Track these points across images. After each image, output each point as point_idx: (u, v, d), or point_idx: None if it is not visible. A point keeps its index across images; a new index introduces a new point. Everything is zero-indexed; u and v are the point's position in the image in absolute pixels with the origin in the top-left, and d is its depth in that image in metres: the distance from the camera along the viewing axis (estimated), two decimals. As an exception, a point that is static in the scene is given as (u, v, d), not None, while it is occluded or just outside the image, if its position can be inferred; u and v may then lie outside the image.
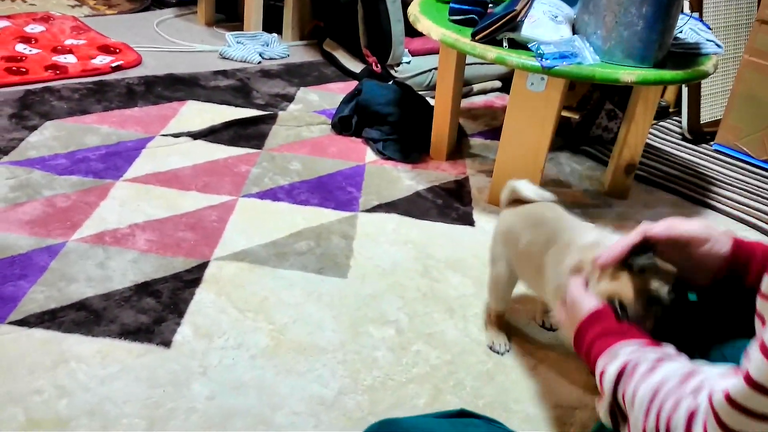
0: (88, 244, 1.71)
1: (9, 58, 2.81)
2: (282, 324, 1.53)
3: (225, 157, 2.25)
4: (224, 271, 1.67)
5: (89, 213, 1.84)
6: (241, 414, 1.28)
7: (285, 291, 1.63)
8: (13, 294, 1.51)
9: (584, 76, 1.83)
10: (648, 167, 2.54)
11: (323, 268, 1.73)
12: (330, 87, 3.03)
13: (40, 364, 1.34)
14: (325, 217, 1.97)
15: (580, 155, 2.62)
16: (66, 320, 1.45)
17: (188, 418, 1.26)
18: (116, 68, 2.87)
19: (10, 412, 1.22)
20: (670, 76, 1.89)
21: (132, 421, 1.24)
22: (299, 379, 1.39)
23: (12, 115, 2.34)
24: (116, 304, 1.52)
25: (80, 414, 1.24)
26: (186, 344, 1.43)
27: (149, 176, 2.07)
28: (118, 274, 1.62)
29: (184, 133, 2.36)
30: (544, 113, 1.95)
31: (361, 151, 2.42)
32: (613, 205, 2.26)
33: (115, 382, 1.32)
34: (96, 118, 2.41)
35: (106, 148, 2.20)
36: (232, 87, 2.87)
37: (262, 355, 1.43)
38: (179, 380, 1.34)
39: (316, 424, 1.28)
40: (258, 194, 2.05)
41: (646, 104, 2.14)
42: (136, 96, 2.64)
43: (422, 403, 1.36)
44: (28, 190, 1.91)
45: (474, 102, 3.06)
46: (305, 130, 2.54)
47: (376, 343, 1.51)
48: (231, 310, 1.55)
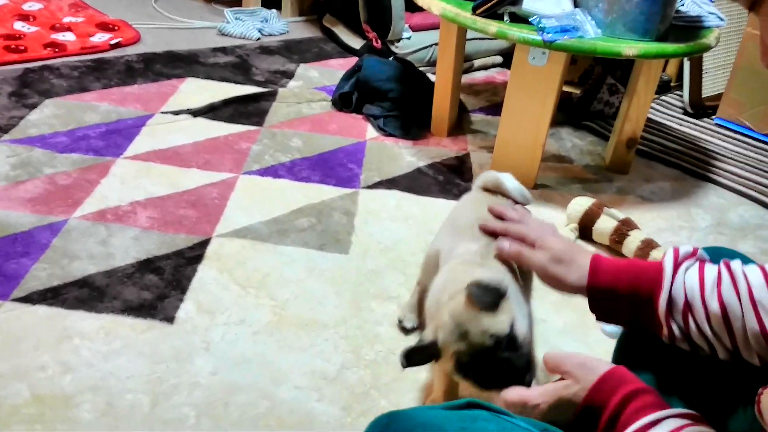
0: (90, 221, 1.72)
1: (7, 36, 2.79)
2: (284, 300, 1.54)
3: (225, 135, 2.24)
4: (226, 248, 1.68)
5: (90, 191, 1.84)
6: (244, 389, 1.29)
7: (286, 267, 1.64)
8: (16, 271, 1.51)
9: (586, 50, 1.82)
10: (649, 142, 2.53)
11: (325, 244, 1.74)
12: (330, 63, 3.01)
13: (44, 340, 1.34)
14: (326, 193, 1.97)
15: (582, 130, 2.61)
16: (69, 297, 1.46)
17: (191, 393, 1.27)
18: (115, 46, 2.85)
19: (15, 388, 1.23)
20: (672, 49, 1.88)
21: (136, 397, 1.25)
22: (302, 354, 1.40)
23: (11, 93, 2.33)
24: (119, 281, 1.53)
25: (84, 389, 1.25)
26: (189, 320, 1.44)
27: (150, 154, 2.07)
28: (120, 251, 1.62)
29: (183, 111, 2.35)
30: (546, 88, 1.94)
31: (361, 128, 2.41)
32: (614, 180, 2.26)
33: (118, 358, 1.33)
34: (95, 95, 2.40)
35: (106, 126, 2.19)
36: (232, 64, 2.85)
37: (265, 331, 1.44)
38: (182, 356, 1.35)
39: (319, 398, 1.29)
40: (259, 171, 2.05)
41: (648, 78, 2.13)
42: (135, 73, 2.63)
43: (423, 377, 1.37)
44: (29, 168, 1.91)
45: (475, 78, 3.04)
46: (305, 106, 2.53)
47: (378, 319, 1.52)
48: (233, 286, 1.56)
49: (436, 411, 0.78)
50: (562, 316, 1.59)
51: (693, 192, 2.25)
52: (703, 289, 0.84)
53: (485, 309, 0.95)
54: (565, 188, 2.17)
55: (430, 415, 0.76)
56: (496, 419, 0.77)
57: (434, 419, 0.75)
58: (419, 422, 0.74)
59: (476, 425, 0.75)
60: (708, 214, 2.12)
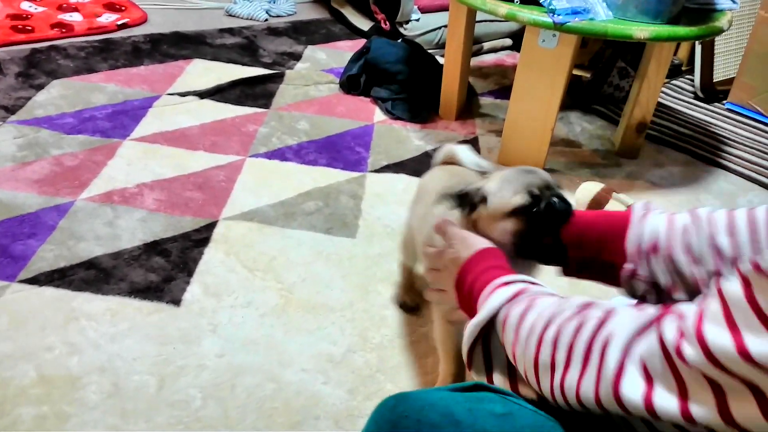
0: (97, 203, 1.72)
1: (14, 16, 2.78)
2: (291, 283, 1.53)
3: (232, 117, 2.23)
4: (233, 231, 1.67)
5: (97, 172, 1.84)
6: (251, 371, 1.29)
7: (293, 250, 1.64)
8: (23, 253, 1.51)
9: (597, 33, 1.79)
10: (659, 126, 2.51)
11: (332, 228, 1.73)
12: (338, 45, 2.99)
13: (51, 321, 1.35)
14: (334, 177, 1.96)
15: (591, 114, 2.59)
16: (76, 279, 1.46)
17: (198, 375, 1.27)
18: (122, 26, 2.84)
19: (22, 369, 1.23)
20: (684, 32, 1.85)
21: (142, 378, 1.25)
22: (308, 337, 1.40)
23: (18, 74, 2.33)
24: (125, 263, 1.53)
25: (91, 371, 1.25)
26: (195, 303, 1.44)
27: (156, 135, 2.06)
28: (126, 233, 1.62)
29: (190, 92, 2.34)
30: (556, 71, 1.92)
31: (369, 111, 2.40)
32: (624, 165, 2.24)
33: (125, 340, 1.33)
34: (102, 76, 2.39)
35: (112, 107, 2.19)
36: (239, 45, 2.84)
37: (272, 314, 1.44)
38: (189, 338, 1.35)
39: (325, 380, 1.29)
40: (266, 154, 2.04)
41: (659, 62, 2.10)
42: (142, 54, 2.62)
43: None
44: (36, 149, 1.91)
45: (484, 60, 3.02)
46: (313, 89, 2.51)
47: (384, 302, 1.51)
48: (240, 269, 1.55)
49: (443, 392, 0.78)
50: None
51: (702, 177, 2.23)
52: (671, 230, 0.89)
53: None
54: (574, 173, 2.15)
55: (437, 396, 0.76)
56: (502, 400, 0.77)
57: (441, 400, 0.75)
58: (426, 403, 0.74)
59: (483, 406, 0.75)
60: (717, 199, 2.11)
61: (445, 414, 0.73)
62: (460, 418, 0.72)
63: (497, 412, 0.74)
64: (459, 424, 0.72)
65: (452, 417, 0.72)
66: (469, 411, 0.73)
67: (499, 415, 0.74)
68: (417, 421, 0.72)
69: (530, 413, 0.75)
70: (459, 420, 0.72)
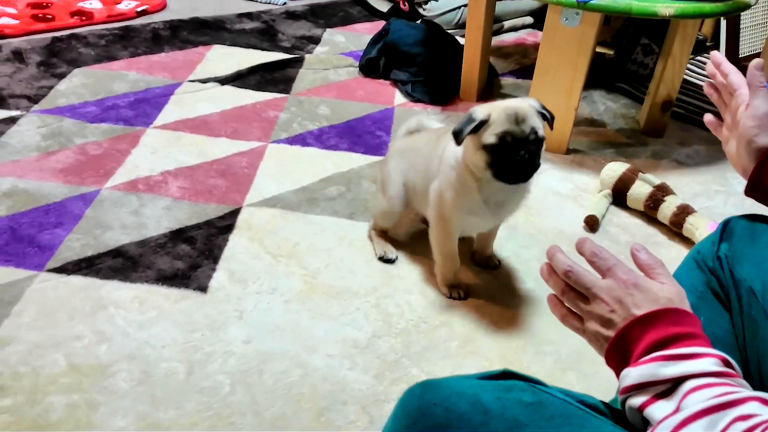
0: (122, 191, 1.73)
1: (35, 5, 2.80)
2: (314, 269, 1.54)
3: (253, 103, 2.23)
4: (256, 217, 1.68)
5: (121, 160, 1.85)
6: (278, 357, 1.30)
7: (316, 236, 1.64)
8: (50, 242, 1.53)
9: (620, 11, 1.76)
10: (684, 104, 2.47)
11: (354, 213, 1.73)
12: (356, 27, 2.97)
13: (80, 310, 1.37)
14: (355, 161, 1.96)
15: (615, 92, 2.56)
16: (103, 267, 1.48)
17: (226, 361, 1.28)
18: (141, 13, 2.85)
19: (52, 358, 1.25)
20: (710, 8, 1.82)
21: (171, 365, 1.26)
22: (333, 322, 1.40)
23: (40, 63, 2.34)
24: (152, 251, 1.54)
25: (120, 359, 1.27)
26: (221, 289, 1.45)
27: (179, 123, 2.07)
28: (152, 221, 1.63)
29: (211, 79, 2.35)
30: (578, 50, 1.89)
31: (389, 94, 2.39)
32: (649, 144, 2.21)
33: (153, 327, 1.34)
34: (123, 64, 2.40)
35: (134, 95, 2.20)
36: (258, 30, 2.83)
37: (296, 300, 1.45)
38: (216, 324, 1.36)
39: (351, 366, 1.30)
40: (287, 140, 2.04)
41: (684, 38, 2.07)
42: (162, 41, 2.62)
43: (455, 345, 1.37)
44: (60, 139, 1.92)
45: (505, 39, 2.98)
46: (332, 73, 2.50)
47: (408, 287, 1.51)
48: (264, 255, 1.56)
49: (470, 380, 0.78)
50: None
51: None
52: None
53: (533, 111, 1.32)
54: (599, 153, 2.13)
55: (464, 384, 0.76)
56: (531, 389, 0.76)
57: (469, 389, 0.74)
58: (454, 391, 0.74)
59: (512, 395, 0.75)
60: (744, 178, 2.07)
61: (474, 402, 0.72)
62: (489, 407, 0.72)
63: (526, 400, 0.74)
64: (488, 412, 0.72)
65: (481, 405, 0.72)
66: (498, 399, 0.73)
67: (528, 403, 0.74)
68: (445, 409, 0.72)
69: (560, 402, 0.74)
70: (488, 408, 0.72)
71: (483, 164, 1.32)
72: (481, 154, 1.31)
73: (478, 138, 1.31)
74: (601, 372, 1.34)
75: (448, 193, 1.41)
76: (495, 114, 1.30)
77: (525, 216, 1.79)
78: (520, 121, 1.29)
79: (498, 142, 1.28)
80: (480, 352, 1.36)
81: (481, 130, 1.30)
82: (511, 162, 1.30)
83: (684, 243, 1.73)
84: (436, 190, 1.44)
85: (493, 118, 1.30)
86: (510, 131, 1.29)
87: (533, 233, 1.73)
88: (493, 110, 1.31)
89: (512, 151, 1.29)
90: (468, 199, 1.39)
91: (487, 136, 1.29)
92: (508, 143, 1.29)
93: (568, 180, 1.97)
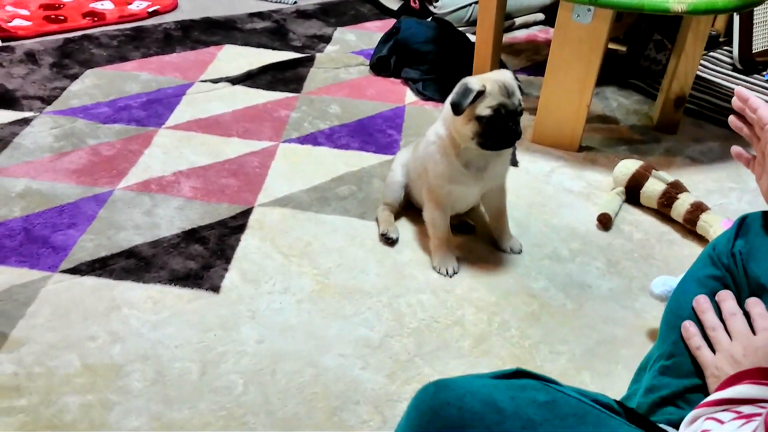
0: (135, 192, 1.74)
1: (47, 6, 2.81)
2: (326, 268, 1.54)
3: (264, 102, 2.23)
4: (268, 217, 1.68)
5: (134, 161, 1.86)
6: (290, 357, 1.31)
7: (328, 236, 1.64)
8: (64, 243, 1.54)
9: (633, 7, 1.75)
10: (698, 100, 2.45)
11: (365, 212, 1.73)
12: (367, 26, 2.97)
13: (93, 310, 1.37)
14: (366, 160, 1.95)
15: (627, 89, 2.54)
16: (116, 268, 1.48)
17: (239, 361, 1.29)
18: (153, 13, 2.86)
19: (66, 359, 1.26)
20: (723, 3, 1.80)
21: (185, 365, 1.27)
22: (345, 322, 1.40)
23: (53, 64, 2.36)
24: (165, 251, 1.54)
25: (134, 359, 1.27)
26: (234, 289, 1.46)
27: (191, 123, 2.07)
28: (165, 222, 1.64)
29: (222, 79, 2.35)
30: (591, 46, 1.88)
31: (400, 92, 2.38)
32: (662, 141, 2.20)
33: (166, 328, 1.35)
34: (135, 65, 2.41)
35: (146, 96, 2.21)
36: (269, 29, 2.83)
37: (309, 300, 1.45)
38: (229, 324, 1.37)
39: (363, 366, 1.30)
40: (299, 139, 2.04)
41: (697, 34, 2.05)
42: (174, 41, 2.63)
43: (468, 345, 1.36)
44: (73, 139, 1.93)
45: (516, 36, 2.97)
46: (343, 71, 2.50)
47: (420, 286, 1.51)
48: (276, 255, 1.56)
49: (484, 380, 0.78)
50: (607, 281, 1.57)
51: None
52: None
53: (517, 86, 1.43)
54: (611, 150, 2.12)
55: (478, 384, 0.75)
56: (545, 388, 0.76)
57: (483, 388, 0.74)
58: (468, 391, 0.73)
59: (525, 394, 0.74)
60: (760, 174, 2.05)
61: (487, 402, 0.72)
62: (503, 406, 0.72)
63: (540, 400, 0.73)
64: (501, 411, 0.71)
65: (494, 405, 0.72)
66: (512, 399, 0.73)
67: (542, 403, 0.73)
68: (459, 409, 0.71)
69: (574, 401, 0.74)
70: (501, 408, 0.71)
71: (471, 134, 1.41)
72: (473, 124, 1.40)
73: (472, 110, 1.39)
74: (615, 371, 1.33)
75: (430, 164, 1.52)
76: (489, 86, 1.38)
77: (537, 214, 1.79)
78: (511, 93, 1.40)
79: (493, 114, 1.38)
80: (493, 351, 1.36)
81: (476, 102, 1.38)
82: (501, 132, 1.40)
83: (698, 240, 1.72)
84: (421, 164, 1.57)
85: (489, 90, 1.38)
86: (504, 103, 1.38)
87: (546, 231, 1.73)
88: (485, 82, 1.39)
89: (504, 122, 1.39)
90: (449, 167, 1.49)
91: (482, 108, 1.38)
92: (501, 115, 1.38)
93: (580, 178, 1.96)
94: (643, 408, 0.90)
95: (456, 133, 1.45)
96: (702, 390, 0.87)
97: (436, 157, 1.50)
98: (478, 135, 1.41)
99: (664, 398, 0.89)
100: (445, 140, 1.48)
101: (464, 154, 1.47)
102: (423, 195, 1.59)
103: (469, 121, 1.40)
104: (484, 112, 1.38)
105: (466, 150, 1.46)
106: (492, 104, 1.38)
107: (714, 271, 0.95)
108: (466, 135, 1.42)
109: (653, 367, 0.95)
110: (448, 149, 1.48)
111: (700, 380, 0.88)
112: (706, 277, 0.95)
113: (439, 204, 1.55)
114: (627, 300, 1.52)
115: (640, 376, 0.99)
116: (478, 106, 1.38)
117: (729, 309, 0.89)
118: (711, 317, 0.90)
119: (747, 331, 0.86)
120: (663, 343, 0.95)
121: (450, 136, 1.47)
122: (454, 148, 1.47)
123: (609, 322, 1.46)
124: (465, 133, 1.42)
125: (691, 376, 0.89)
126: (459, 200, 1.59)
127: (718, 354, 0.86)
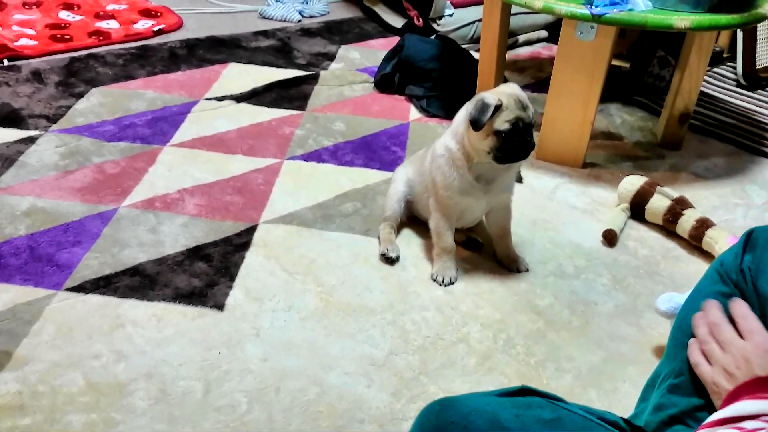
0: (139, 209, 1.74)
1: (53, 26, 2.84)
2: (330, 286, 1.53)
3: (269, 120, 2.24)
4: (272, 235, 1.68)
5: (139, 179, 1.87)
6: (294, 375, 1.30)
7: (332, 253, 1.64)
8: (69, 261, 1.54)
9: (636, 24, 1.76)
10: (702, 116, 2.45)
11: (370, 229, 1.73)
12: (371, 44, 2.98)
13: (97, 328, 1.37)
14: (371, 177, 1.96)
15: (631, 105, 2.54)
16: (121, 285, 1.48)
17: (243, 379, 1.28)
18: (158, 32, 2.88)
19: (70, 377, 1.26)
20: (726, 20, 1.80)
21: (189, 383, 1.26)
22: (350, 340, 1.39)
23: (59, 83, 2.37)
24: (169, 269, 1.54)
25: (138, 377, 1.27)
26: (238, 307, 1.45)
27: (195, 140, 2.08)
28: (169, 239, 1.64)
29: (227, 96, 2.36)
30: (594, 63, 1.89)
31: (404, 109, 2.39)
32: (667, 157, 2.20)
33: (170, 345, 1.34)
34: (141, 83, 2.43)
35: (152, 114, 2.22)
36: (273, 47, 2.85)
37: (313, 317, 1.44)
38: (233, 342, 1.36)
39: (368, 384, 1.29)
40: (303, 156, 2.04)
41: (700, 50, 2.05)
42: (179, 60, 2.65)
43: (473, 362, 1.36)
44: (78, 158, 1.94)
45: (520, 53, 2.98)
46: (347, 89, 2.51)
47: (424, 304, 1.51)
48: (280, 272, 1.56)
49: (488, 398, 0.77)
50: (613, 298, 1.56)
51: (748, 168, 2.17)
52: None
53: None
54: (616, 166, 2.11)
55: (482, 402, 0.75)
56: (551, 406, 0.75)
57: (487, 406, 0.74)
58: (473, 409, 0.73)
59: (531, 412, 0.74)
60: (764, 190, 2.05)
61: (492, 420, 0.72)
62: (508, 425, 0.71)
63: (545, 417, 0.73)
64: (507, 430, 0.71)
65: (499, 423, 0.71)
66: (517, 417, 0.72)
67: (547, 420, 0.73)
68: (464, 428, 0.71)
69: (580, 419, 0.74)
70: (506, 426, 0.71)
71: (488, 148, 1.42)
72: (491, 139, 1.41)
73: (490, 124, 1.40)
74: (622, 388, 1.32)
75: (439, 177, 1.52)
76: (505, 100, 1.40)
77: (542, 230, 1.78)
78: (525, 106, 1.42)
79: (511, 127, 1.40)
80: (498, 368, 1.35)
81: (494, 116, 1.39)
82: (517, 145, 1.42)
83: (704, 257, 1.71)
84: (429, 178, 1.58)
85: (505, 104, 1.40)
86: (521, 117, 1.40)
87: (550, 248, 1.72)
88: (500, 96, 1.41)
89: (521, 135, 1.41)
90: (460, 180, 1.50)
91: (500, 123, 1.40)
92: (519, 128, 1.40)
93: (585, 194, 1.96)
94: (652, 426, 0.89)
95: (471, 148, 1.46)
96: (711, 408, 0.86)
97: (445, 169, 1.51)
98: (495, 149, 1.42)
99: (672, 417, 0.88)
100: (456, 154, 1.49)
101: (476, 168, 1.49)
102: (430, 205, 1.59)
103: (487, 136, 1.41)
104: (503, 127, 1.40)
105: (478, 164, 1.47)
106: (510, 118, 1.40)
107: (723, 288, 0.94)
108: (483, 150, 1.43)
109: (662, 385, 0.94)
110: (460, 162, 1.49)
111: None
112: (715, 294, 0.95)
113: (446, 214, 1.56)
114: (633, 317, 1.52)
115: (648, 394, 0.98)
116: (495, 121, 1.40)
117: (713, 318, 0.87)
118: (702, 332, 0.88)
119: (733, 338, 0.83)
120: (671, 361, 0.94)
121: (462, 150, 1.48)
122: (467, 161, 1.48)
123: (615, 339, 1.45)
124: (481, 148, 1.43)
125: (700, 394, 0.88)
126: (467, 212, 1.59)
127: (713, 368, 0.85)
